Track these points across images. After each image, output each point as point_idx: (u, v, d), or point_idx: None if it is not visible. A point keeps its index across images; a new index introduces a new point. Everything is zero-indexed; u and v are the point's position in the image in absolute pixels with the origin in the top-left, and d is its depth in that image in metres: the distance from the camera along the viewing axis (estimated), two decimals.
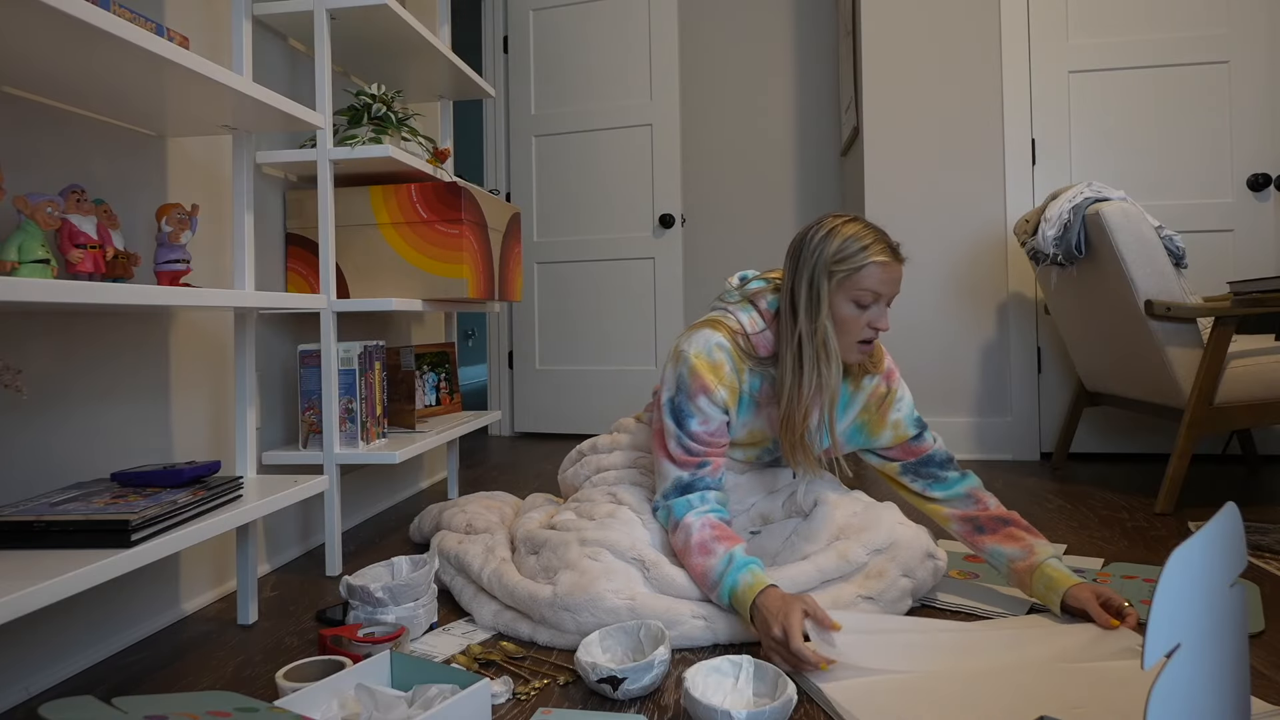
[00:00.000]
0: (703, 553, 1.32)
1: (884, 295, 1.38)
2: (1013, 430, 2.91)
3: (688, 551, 1.35)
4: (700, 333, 1.44)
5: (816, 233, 1.39)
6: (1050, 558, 1.36)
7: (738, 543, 1.33)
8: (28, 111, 1.22)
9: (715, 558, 1.31)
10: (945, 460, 1.52)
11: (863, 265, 1.34)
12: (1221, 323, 1.97)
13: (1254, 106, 2.73)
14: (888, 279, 1.36)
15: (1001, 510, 1.46)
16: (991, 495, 1.49)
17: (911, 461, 1.53)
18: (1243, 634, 0.76)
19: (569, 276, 3.68)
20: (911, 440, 1.52)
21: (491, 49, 3.82)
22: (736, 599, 1.27)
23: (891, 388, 1.53)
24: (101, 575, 0.98)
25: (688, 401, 1.41)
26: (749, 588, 1.25)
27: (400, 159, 1.81)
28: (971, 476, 1.52)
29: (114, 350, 1.38)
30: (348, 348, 1.78)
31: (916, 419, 1.54)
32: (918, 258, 2.99)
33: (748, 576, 1.26)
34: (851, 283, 1.36)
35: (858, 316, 1.38)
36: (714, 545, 1.32)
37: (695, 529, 1.36)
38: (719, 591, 1.29)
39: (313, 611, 1.52)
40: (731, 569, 1.28)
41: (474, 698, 0.98)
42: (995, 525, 1.44)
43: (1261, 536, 1.80)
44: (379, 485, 2.36)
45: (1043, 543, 1.39)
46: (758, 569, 1.28)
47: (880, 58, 3.01)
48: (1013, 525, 1.43)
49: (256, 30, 1.83)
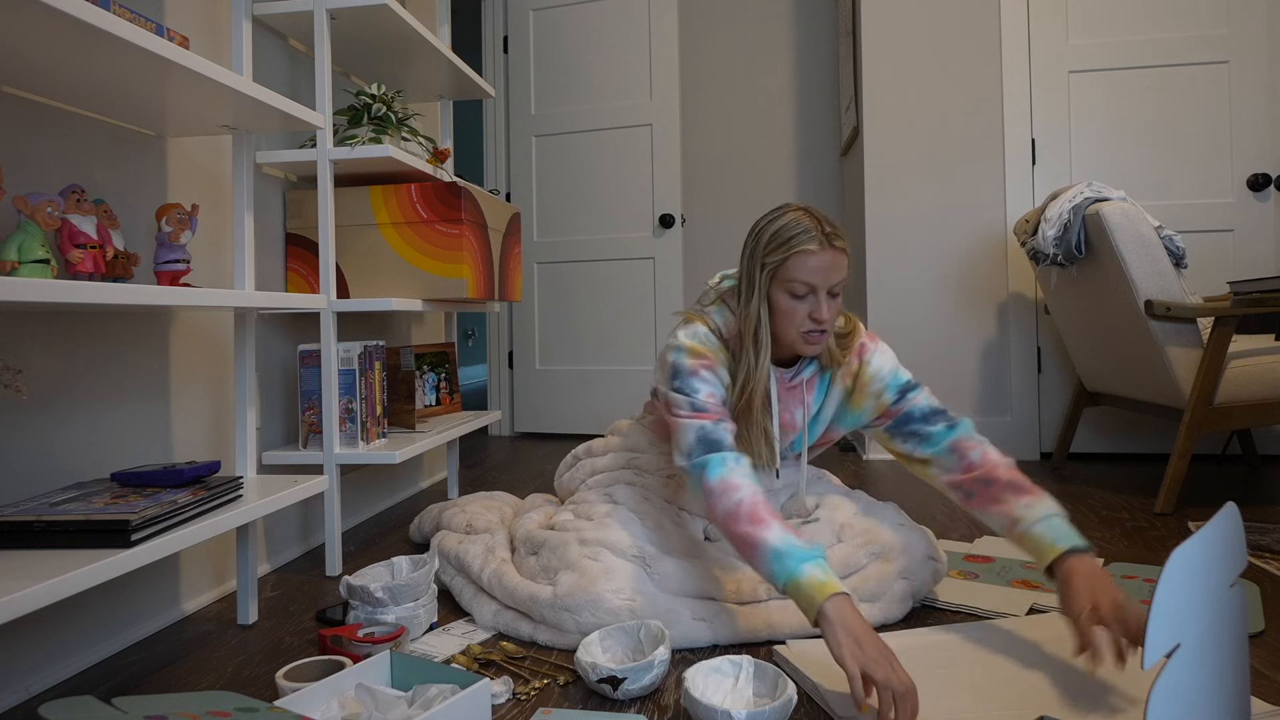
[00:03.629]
0: (754, 521, 1.20)
1: (817, 285, 1.33)
2: (1013, 430, 2.91)
3: (734, 517, 1.22)
4: (688, 325, 1.45)
5: (761, 221, 1.40)
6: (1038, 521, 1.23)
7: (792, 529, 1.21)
8: (28, 111, 1.22)
9: (771, 531, 1.18)
10: (927, 413, 1.43)
11: (788, 256, 1.33)
12: (1221, 323, 1.97)
13: (1254, 106, 2.73)
14: (817, 268, 1.32)
15: (987, 466, 1.34)
16: (981, 445, 1.38)
17: (891, 423, 1.46)
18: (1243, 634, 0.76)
19: (569, 276, 3.68)
20: (892, 405, 1.46)
21: (491, 49, 3.82)
22: (798, 590, 1.12)
23: (864, 360, 1.47)
24: (101, 575, 0.98)
25: (691, 377, 1.38)
26: (820, 586, 1.10)
27: (400, 159, 1.81)
28: (960, 427, 1.41)
29: (114, 350, 1.38)
30: (348, 348, 1.78)
31: (900, 385, 1.46)
32: (918, 258, 2.99)
33: (818, 572, 1.12)
34: (782, 273, 1.35)
35: (795, 307, 1.35)
36: (768, 517, 1.20)
37: (747, 494, 1.24)
38: (773, 570, 1.16)
39: (313, 611, 1.52)
40: (794, 553, 1.15)
41: (474, 698, 0.98)
42: (980, 487, 1.33)
43: (1261, 536, 1.80)
44: (379, 485, 2.36)
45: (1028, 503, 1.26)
46: (826, 565, 1.15)
47: (880, 58, 3.01)
48: (996, 485, 1.31)
49: (256, 30, 1.83)
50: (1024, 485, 1.30)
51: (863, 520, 1.46)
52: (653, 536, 1.44)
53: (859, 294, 3.22)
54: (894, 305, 3.01)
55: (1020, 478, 1.31)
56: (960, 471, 1.37)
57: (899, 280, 3.00)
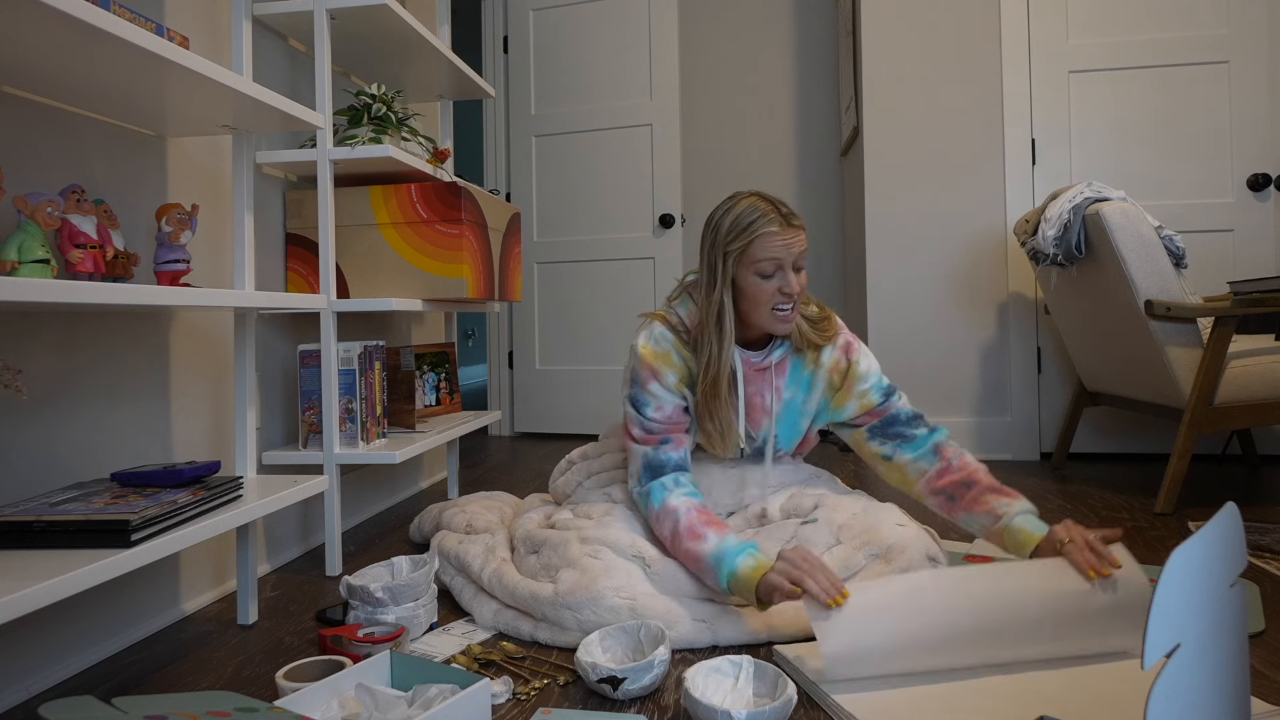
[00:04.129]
0: (692, 537, 1.33)
1: (783, 260, 1.40)
2: (1013, 430, 2.91)
3: (676, 537, 1.35)
4: (647, 326, 1.51)
5: (716, 213, 1.45)
6: (1018, 514, 1.33)
7: (726, 529, 1.34)
8: (28, 111, 1.22)
9: (707, 543, 1.30)
10: (911, 417, 1.51)
11: (754, 237, 1.39)
12: (1221, 323, 1.97)
13: (1254, 106, 2.73)
14: (782, 245, 1.39)
15: (967, 470, 1.43)
16: (959, 451, 1.46)
17: (876, 424, 1.52)
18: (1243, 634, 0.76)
19: (569, 276, 3.68)
20: (877, 407, 1.53)
21: (491, 49, 3.82)
22: (738, 582, 1.25)
23: (853, 360, 1.53)
24: (101, 575, 0.98)
25: (641, 391, 1.47)
26: (752, 571, 1.24)
27: (400, 159, 1.82)
28: (939, 432, 1.50)
29: (114, 350, 1.38)
30: (348, 348, 1.78)
31: (884, 388, 1.53)
32: (918, 258, 2.99)
33: (749, 560, 1.26)
34: (748, 256, 1.41)
35: (764, 286, 1.41)
36: (704, 530, 1.33)
37: (682, 513, 1.36)
38: (717, 575, 1.28)
39: (313, 611, 1.52)
40: (729, 553, 1.27)
41: (474, 698, 0.98)
42: (961, 490, 1.41)
43: (1261, 536, 1.80)
44: (379, 485, 2.36)
45: (1007, 502, 1.35)
46: (756, 552, 1.28)
47: (880, 58, 3.01)
48: (977, 487, 1.40)
49: (256, 30, 1.83)
50: (1002, 487, 1.39)
51: (862, 520, 1.45)
52: (652, 535, 1.44)
53: (859, 294, 3.22)
54: (894, 305, 3.01)
55: (997, 481, 1.41)
56: (941, 474, 1.45)
57: (899, 280, 3.00)
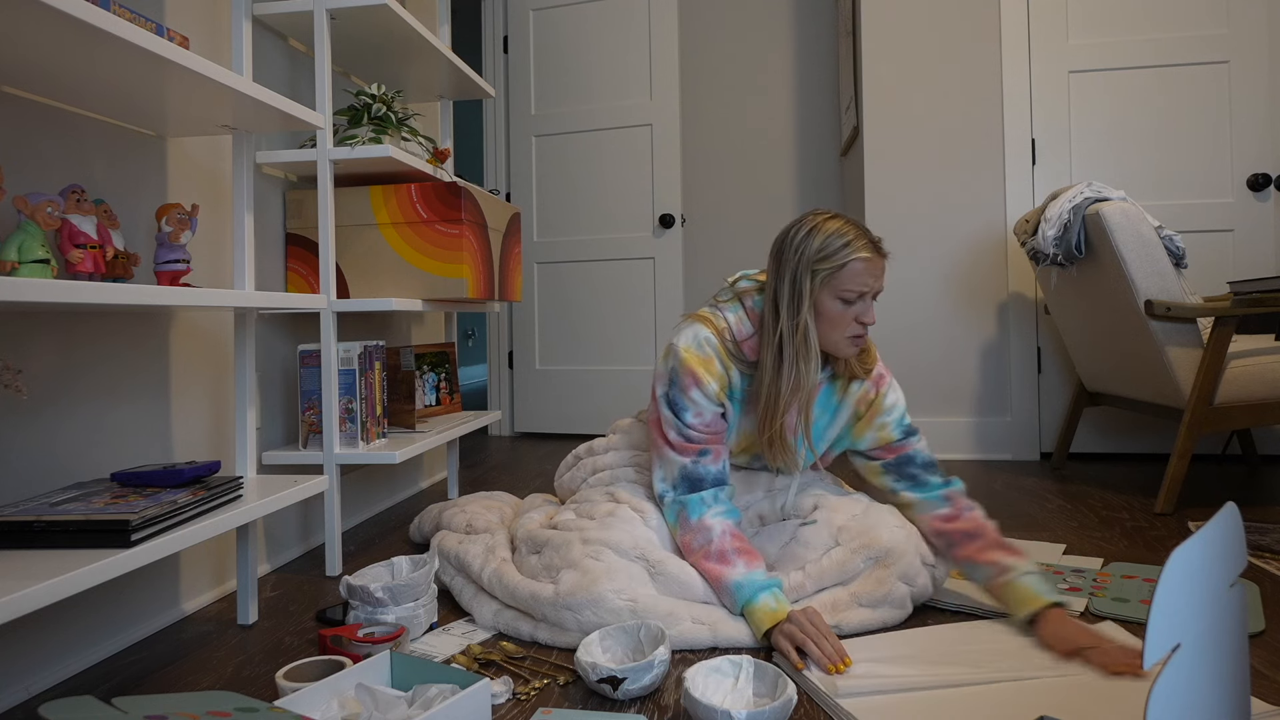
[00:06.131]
0: (721, 560, 1.33)
1: (869, 290, 1.39)
2: (1013, 430, 2.91)
3: (705, 554, 1.35)
4: (690, 327, 1.48)
5: (799, 231, 1.41)
6: (1026, 573, 1.29)
7: (758, 560, 1.33)
8: (28, 111, 1.22)
9: (734, 570, 1.31)
10: (927, 463, 1.49)
11: (847, 262, 1.37)
12: (1221, 323, 1.97)
13: (1254, 106, 2.73)
14: (872, 273, 1.38)
15: (977, 523, 1.40)
16: (971, 504, 1.43)
17: (892, 460, 1.51)
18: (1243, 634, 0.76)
19: (569, 276, 3.68)
20: (895, 443, 1.51)
21: (491, 49, 3.82)
22: (752, 616, 1.28)
23: (880, 392, 1.52)
24: (101, 575, 0.98)
25: (681, 395, 1.44)
26: (769, 613, 1.25)
27: (400, 159, 1.81)
28: (955, 483, 1.47)
29: (114, 350, 1.38)
30: (348, 348, 1.78)
31: (905, 426, 1.51)
32: (918, 258, 2.99)
33: (770, 600, 1.27)
34: (836, 280, 1.38)
35: (844, 312, 1.40)
36: (734, 558, 1.33)
37: (716, 535, 1.36)
38: (734, 600, 1.30)
39: (313, 611, 1.52)
40: (752, 586, 1.29)
41: (474, 698, 0.98)
42: (966, 540, 1.38)
43: (1261, 536, 1.80)
44: (379, 485, 2.36)
45: (1016, 559, 1.32)
46: (779, 592, 1.29)
47: (880, 58, 3.01)
48: (984, 539, 1.37)
49: (256, 30, 1.83)
50: (1011, 545, 1.36)
51: (861, 523, 1.44)
52: (655, 537, 1.44)
53: None
54: (894, 305, 3.01)
55: (1006, 540, 1.37)
56: (948, 520, 1.43)
57: (899, 280, 3.00)
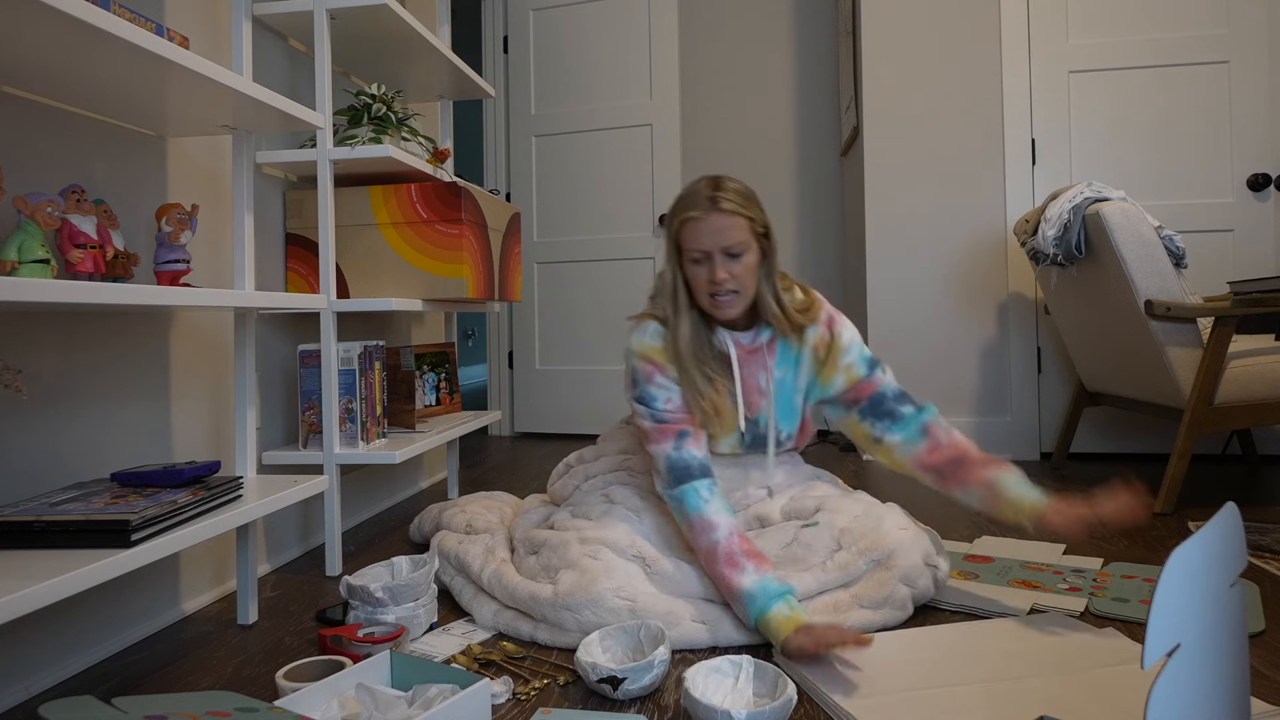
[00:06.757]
0: (730, 564, 1.30)
1: (709, 249, 1.40)
2: (1013, 430, 2.91)
3: (713, 557, 1.32)
4: (637, 326, 1.53)
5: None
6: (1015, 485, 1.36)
7: (766, 563, 1.31)
8: (28, 111, 1.22)
9: (746, 576, 1.28)
10: (898, 395, 1.51)
11: (680, 224, 1.43)
12: (1221, 323, 1.97)
13: (1254, 106, 2.73)
14: (702, 233, 1.40)
15: (957, 448, 1.44)
16: (948, 429, 1.47)
17: (866, 403, 1.51)
18: (1243, 634, 0.76)
19: (569, 276, 3.68)
20: (864, 380, 1.52)
21: (491, 49, 3.82)
22: (767, 626, 1.24)
23: (835, 331, 1.53)
24: (101, 575, 0.98)
25: (647, 386, 1.48)
26: (785, 622, 1.21)
27: (400, 159, 1.81)
28: (928, 409, 1.50)
29: (114, 350, 1.38)
30: (348, 348, 1.78)
31: (868, 359, 1.53)
32: (918, 258, 2.99)
33: (784, 609, 1.23)
34: (680, 241, 1.44)
35: (696, 273, 1.44)
36: (744, 561, 1.29)
37: (723, 535, 1.32)
38: (747, 611, 1.27)
39: (313, 611, 1.52)
40: (766, 595, 1.25)
41: (474, 698, 0.98)
42: (952, 467, 1.42)
43: (1261, 536, 1.80)
44: (379, 485, 2.36)
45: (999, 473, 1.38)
46: (793, 600, 1.26)
47: (880, 58, 3.01)
48: (968, 462, 1.41)
49: (256, 30, 1.83)
50: (993, 460, 1.41)
51: (863, 524, 1.44)
52: (651, 536, 1.44)
53: (859, 294, 3.22)
54: (894, 305, 3.01)
55: (986, 455, 1.43)
56: (931, 452, 1.46)
57: (899, 280, 3.00)
